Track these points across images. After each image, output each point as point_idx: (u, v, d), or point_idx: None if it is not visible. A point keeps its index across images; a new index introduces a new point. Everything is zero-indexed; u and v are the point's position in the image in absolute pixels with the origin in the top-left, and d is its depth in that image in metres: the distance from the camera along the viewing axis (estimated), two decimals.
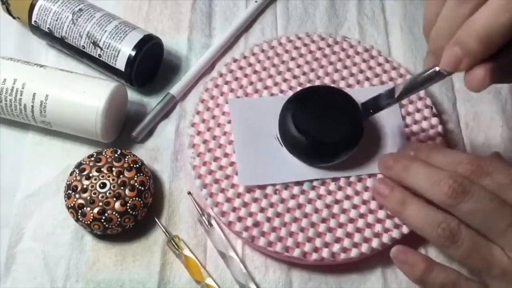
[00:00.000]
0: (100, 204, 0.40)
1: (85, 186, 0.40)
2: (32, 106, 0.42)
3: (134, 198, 0.40)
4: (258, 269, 0.41)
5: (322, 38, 0.48)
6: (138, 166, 0.42)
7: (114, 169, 0.41)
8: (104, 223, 0.40)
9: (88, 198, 0.40)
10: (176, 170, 0.44)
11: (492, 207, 0.34)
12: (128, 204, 0.40)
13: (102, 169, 0.41)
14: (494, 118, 0.47)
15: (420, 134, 0.44)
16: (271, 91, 0.45)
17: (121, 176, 0.41)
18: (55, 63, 0.48)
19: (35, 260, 0.41)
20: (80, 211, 0.40)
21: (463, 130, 0.46)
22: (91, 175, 0.41)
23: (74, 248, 0.42)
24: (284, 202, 0.41)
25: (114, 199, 0.40)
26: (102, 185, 0.40)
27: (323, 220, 0.40)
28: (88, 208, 0.40)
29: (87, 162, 0.41)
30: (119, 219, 0.40)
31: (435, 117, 0.44)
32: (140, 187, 0.41)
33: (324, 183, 0.42)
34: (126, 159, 0.42)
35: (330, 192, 0.41)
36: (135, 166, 0.41)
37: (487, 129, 0.46)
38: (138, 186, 0.41)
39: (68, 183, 0.41)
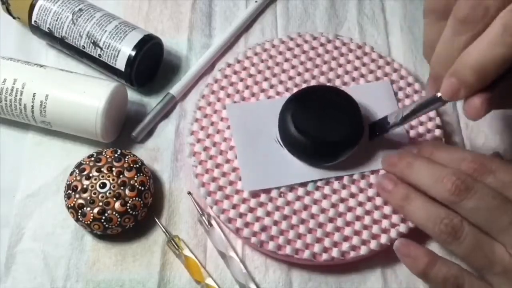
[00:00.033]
0: (100, 204, 0.40)
1: (85, 186, 0.40)
2: (32, 106, 0.42)
3: (134, 198, 0.40)
4: (258, 269, 0.41)
5: (314, 37, 0.48)
6: (138, 166, 0.42)
7: (114, 169, 0.41)
8: (104, 223, 0.40)
9: (88, 198, 0.40)
10: (176, 170, 0.44)
11: (494, 205, 0.35)
12: (128, 204, 0.40)
13: (102, 169, 0.41)
14: (494, 118, 0.47)
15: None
16: (268, 94, 0.45)
17: (121, 176, 0.41)
18: (55, 63, 0.48)
19: (35, 260, 0.41)
20: (80, 211, 0.40)
21: (463, 130, 0.46)
22: (91, 175, 0.41)
23: (74, 248, 0.42)
24: (290, 205, 0.41)
25: (114, 199, 0.40)
26: (102, 185, 0.40)
27: (330, 220, 0.40)
28: (88, 208, 0.40)
29: (87, 162, 0.41)
30: (119, 219, 0.40)
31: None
32: (140, 187, 0.41)
33: (328, 183, 0.41)
34: (126, 159, 0.42)
35: (335, 191, 0.41)
36: (135, 166, 0.41)
37: (487, 129, 0.46)
38: (138, 186, 0.41)
39: (68, 183, 0.41)
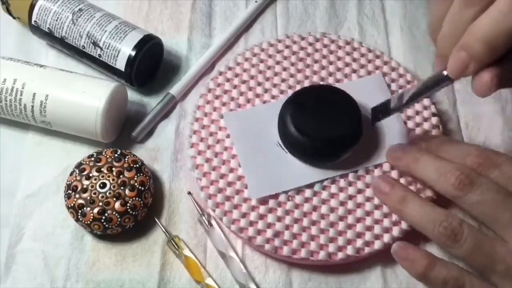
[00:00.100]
0: (100, 204, 0.40)
1: (85, 186, 0.40)
2: (32, 106, 0.42)
3: (134, 198, 0.40)
4: (258, 269, 0.41)
5: (302, 37, 0.47)
6: (138, 166, 0.42)
7: (114, 169, 0.41)
8: (104, 223, 0.40)
9: (88, 198, 0.40)
10: (176, 170, 0.44)
11: (498, 199, 0.35)
12: (128, 204, 0.40)
13: (102, 169, 0.41)
14: (494, 118, 0.47)
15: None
16: (263, 99, 0.45)
17: (121, 176, 0.41)
18: (55, 63, 0.48)
19: (35, 260, 0.41)
20: (80, 211, 0.40)
21: (463, 130, 0.46)
22: (91, 175, 0.41)
23: (74, 248, 0.42)
24: (299, 207, 0.40)
25: (114, 199, 0.40)
26: (102, 185, 0.40)
27: (341, 218, 0.40)
28: (88, 208, 0.40)
29: (87, 162, 0.41)
30: (119, 219, 0.40)
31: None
32: (140, 187, 0.41)
33: (334, 181, 0.41)
34: (126, 159, 0.42)
35: (342, 189, 0.41)
36: (135, 166, 0.41)
37: (487, 129, 0.46)
38: (138, 186, 0.41)
39: (68, 183, 0.41)
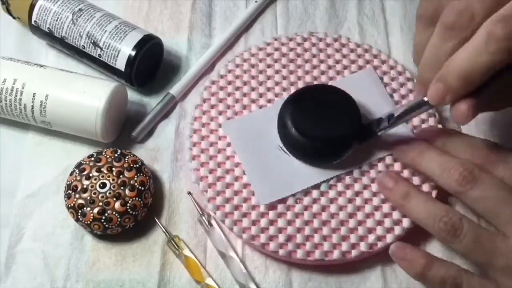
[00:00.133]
0: (100, 204, 0.40)
1: (85, 186, 0.40)
2: (32, 106, 0.42)
3: (134, 198, 0.40)
4: (258, 269, 0.41)
5: (290, 39, 0.47)
6: (138, 166, 0.42)
7: (114, 169, 0.41)
8: (104, 223, 0.40)
9: (88, 198, 0.40)
10: (176, 170, 0.44)
11: (500, 195, 0.35)
12: (128, 204, 0.40)
13: (102, 169, 0.41)
14: (494, 118, 0.47)
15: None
16: (259, 104, 0.44)
17: (121, 176, 0.41)
18: (55, 63, 0.48)
19: (35, 260, 0.41)
20: (80, 211, 0.40)
21: (463, 130, 0.46)
22: (91, 175, 0.41)
23: (74, 248, 0.42)
24: (308, 209, 0.40)
25: (114, 199, 0.40)
26: (102, 185, 0.40)
27: (350, 215, 0.40)
28: (88, 208, 0.40)
29: (87, 162, 0.41)
30: (119, 219, 0.40)
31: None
32: (140, 187, 0.41)
33: (339, 180, 0.41)
34: (126, 159, 0.42)
35: (348, 186, 0.41)
36: (135, 166, 0.41)
37: (487, 129, 0.46)
38: (138, 186, 0.41)
39: (68, 183, 0.41)
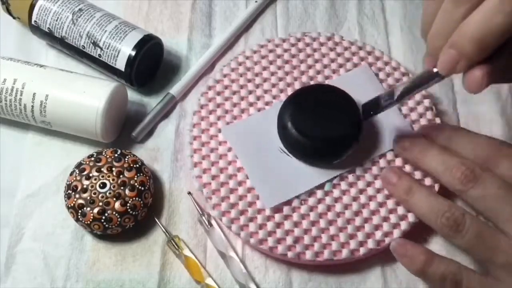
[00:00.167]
0: (100, 204, 0.40)
1: (85, 186, 0.40)
2: (32, 106, 0.42)
3: (134, 198, 0.40)
4: (258, 269, 0.41)
5: (283, 40, 0.47)
6: (138, 166, 0.42)
7: (114, 169, 0.41)
8: (104, 223, 0.40)
9: (88, 198, 0.40)
10: (176, 170, 0.44)
11: (500, 194, 0.35)
12: (128, 204, 0.40)
13: (102, 169, 0.41)
14: (494, 118, 0.47)
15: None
16: (257, 107, 0.44)
17: (121, 176, 0.41)
18: (55, 63, 0.49)
19: (35, 260, 0.41)
20: (80, 211, 0.40)
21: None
22: (91, 175, 0.41)
23: (74, 248, 0.42)
24: (314, 210, 0.40)
25: (114, 199, 0.40)
26: (102, 185, 0.40)
27: (356, 213, 0.40)
28: (88, 208, 0.40)
29: (87, 162, 0.41)
30: (119, 219, 0.40)
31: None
32: (140, 187, 0.41)
33: (343, 178, 0.41)
34: (126, 159, 0.42)
35: (351, 184, 0.41)
36: (135, 166, 0.41)
37: (487, 129, 0.46)
38: (138, 186, 0.41)
39: (68, 183, 0.41)
